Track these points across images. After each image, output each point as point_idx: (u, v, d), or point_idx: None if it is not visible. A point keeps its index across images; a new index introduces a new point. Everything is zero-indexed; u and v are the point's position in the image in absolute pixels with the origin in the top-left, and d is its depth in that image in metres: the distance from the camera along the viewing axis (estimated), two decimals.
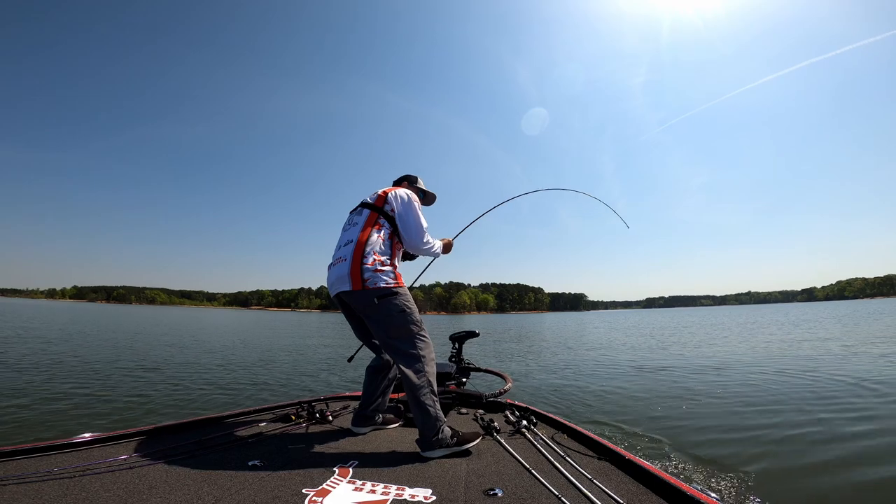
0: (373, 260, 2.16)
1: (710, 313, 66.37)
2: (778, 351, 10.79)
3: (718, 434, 4.02)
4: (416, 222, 2.31)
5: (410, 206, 2.33)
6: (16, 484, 1.49)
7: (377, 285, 2.12)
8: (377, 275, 2.14)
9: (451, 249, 2.76)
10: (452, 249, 2.78)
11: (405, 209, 2.32)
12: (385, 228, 2.27)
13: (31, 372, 7.14)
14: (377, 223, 2.26)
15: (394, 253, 2.29)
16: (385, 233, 2.26)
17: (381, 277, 2.15)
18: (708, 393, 5.94)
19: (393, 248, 2.29)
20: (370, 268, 2.14)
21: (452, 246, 2.77)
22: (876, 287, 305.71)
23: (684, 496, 1.43)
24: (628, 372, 8.26)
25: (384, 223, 2.28)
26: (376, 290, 2.12)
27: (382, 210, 2.30)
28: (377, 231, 2.24)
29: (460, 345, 3.26)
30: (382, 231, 2.25)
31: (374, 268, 2.15)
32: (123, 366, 8.34)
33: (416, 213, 2.33)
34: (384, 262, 2.19)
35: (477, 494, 1.54)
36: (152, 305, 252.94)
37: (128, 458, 1.80)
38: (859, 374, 6.96)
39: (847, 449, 3.51)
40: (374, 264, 2.16)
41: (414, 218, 2.31)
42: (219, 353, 11.15)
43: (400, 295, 2.18)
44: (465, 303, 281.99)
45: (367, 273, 2.13)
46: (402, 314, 2.16)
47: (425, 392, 2.06)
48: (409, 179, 2.65)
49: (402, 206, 2.33)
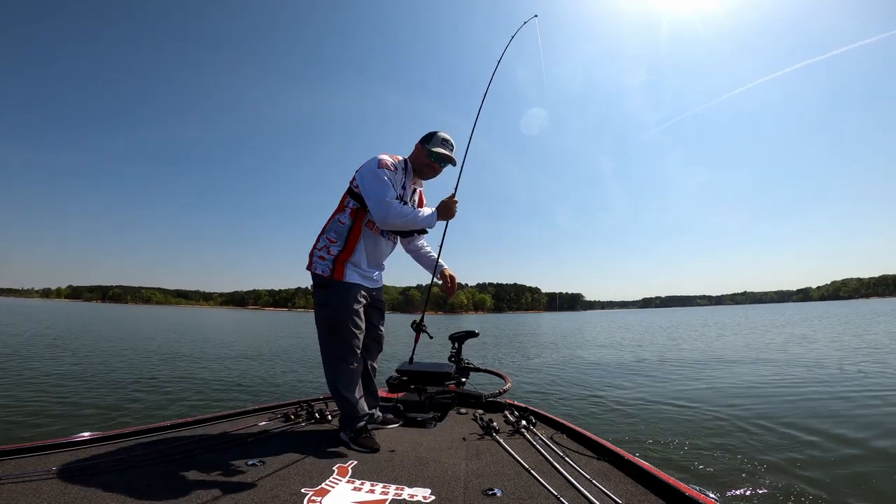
0: (324, 244, 2.09)
1: (708, 314, 66.68)
2: (777, 350, 10.85)
3: (718, 434, 4.03)
4: (371, 193, 2.01)
5: (366, 177, 2.06)
6: (15, 483, 1.48)
7: (314, 270, 2.08)
8: (318, 261, 2.08)
9: (454, 212, 2.22)
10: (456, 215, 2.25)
11: (363, 181, 2.07)
12: (349, 208, 2.12)
13: (30, 372, 7.10)
14: (343, 204, 2.15)
15: (352, 238, 2.12)
16: (347, 214, 2.11)
17: (318, 263, 2.07)
18: (707, 393, 5.96)
19: (352, 233, 2.12)
20: (316, 251, 2.10)
21: (454, 208, 2.22)
22: (871, 287, 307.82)
23: (683, 496, 1.43)
24: (627, 372, 8.29)
25: (349, 202, 2.13)
26: (314, 275, 2.09)
27: (350, 189, 2.14)
28: (341, 213, 2.13)
29: (460, 345, 3.25)
30: (346, 211, 2.12)
31: (319, 253, 2.09)
32: (122, 365, 8.29)
33: (372, 183, 2.02)
34: (329, 249, 2.08)
35: (476, 494, 1.54)
36: (148, 305, 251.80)
37: (127, 457, 1.79)
38: (864, 373, 7.01)
39: (847, 449, 3.53)
40: (321, 249, 2.09)
41: (370, 189, 2.02)
42: (217, 353, 11.11)
43: (327, 289, 2.06)
44: (463, 303, 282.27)
45: (314, 256, 2.09)
46: (321, 310, 2.07)
47: (335, 393, 2.12)
48: (421, 139, 2.29)
49: (361, 178, 2.08)
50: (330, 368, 2.12)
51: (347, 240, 2.09)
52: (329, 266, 2.05)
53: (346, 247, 2.08)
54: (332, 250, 2.07)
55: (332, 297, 2.05)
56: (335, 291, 2.05)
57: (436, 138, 2.23)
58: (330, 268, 2.05)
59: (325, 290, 2.06)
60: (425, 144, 2.24)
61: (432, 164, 2.25)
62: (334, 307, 2.05)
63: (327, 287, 2.05)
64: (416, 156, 2.27)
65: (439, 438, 2.22)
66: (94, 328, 19.10)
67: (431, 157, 2.22)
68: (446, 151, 2.23)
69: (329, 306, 2.05)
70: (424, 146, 2.24)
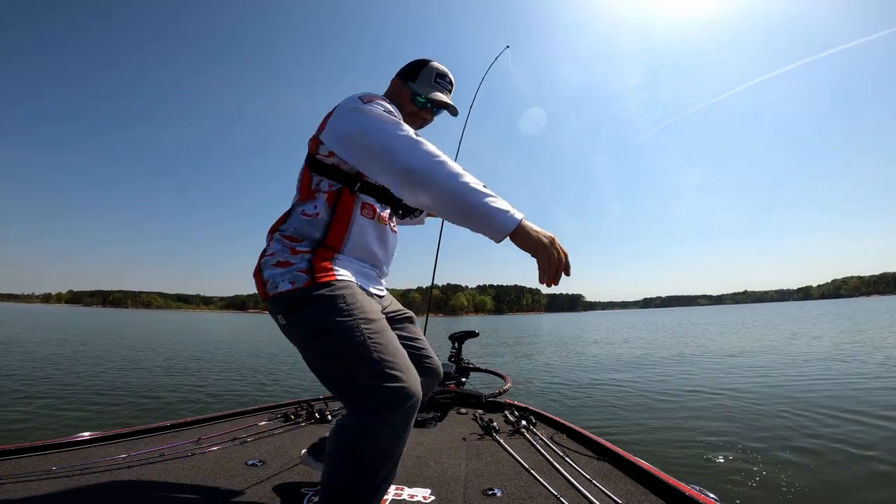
0: (278, 248, 1.22)
1: (709, 313, 66.62)
2: (778, 350, 10.84)
3: (718, 434, 4.02)
4: (377, 135, 1.12)
5: (352, 119, 1.17)
6: (15, 483, 1.48)
7: (274, 291, 1.16)
8: (275, 272, 1.18)
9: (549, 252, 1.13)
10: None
11: (348, 128, 1.17)
12: (322, 192, 1.24)
13: (30, 372, 7.09)
14: (308, 190, 1.26)
15: (334, 234, 1.24)
16: (322, 202, 1.24)
17: (278, 276, 1.17)
18: (708, 393, 5.95)
19: (333, 229, 1.24)
20: (266, 261, 1.22)
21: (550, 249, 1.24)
22: (871, 285, 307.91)
23: (683, 496, 1.43)
24: (627, 372, 8.27)
25: (320, 183, 1.25)
26: (277, 298, 1.16)
27: (315, 159, 1.25)
28: (306, 203, 1.25)
29: (460, 345, 3.25)
30: (318, 199, 1.24)
31: (272, 261, 1.20)
32: (122, 367, 8.28)
33: (369, 123, 1.14)
34: (294, 248, 1.20)
35: (476, 494, 1.54)
36: (148, 309, 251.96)
37: (126, 457, 1.79)
38: (868, 374, 7.01)
39: (848, 449, 3.51)
40: (274, 255, 1.21)
41: (371, 131, 1.13)
42: (217, 356, 11.11)
43: (316, 302, 1.12)
44: (463, 304, 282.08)
45: (265, 270, 1.20)
46: (315, 344, 1.13)
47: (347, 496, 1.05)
48: (400, 70, 1.45)
49: (341, 126, 1.18)
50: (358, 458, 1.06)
51: (328, 235, 1.24)
52: (303, 268, 1.16)
53: (329, 238, 1.24)
54: (301, 247, 1.21)
55: (331, 312, 1.11)
56: (333, 301, 1.13)
57: (426, 72, 1.41)
58: (305, 269, 1.16)
59: (309, 310, 1.13)
60: (409, 82, 1.41)
61: (419, 113, 1.42)
62: (344, 325, 1.10)
63: (310, 303, 1.13)
64: (393, 96, 1.41)
65: (439, 438, 2.22)
66: (95, 332, 19.09)
67: (419, 102, 1.40)
68: (443, 96, 1.43)
69: (329, 332, 1.10)
70: (407, 84, 1.40)
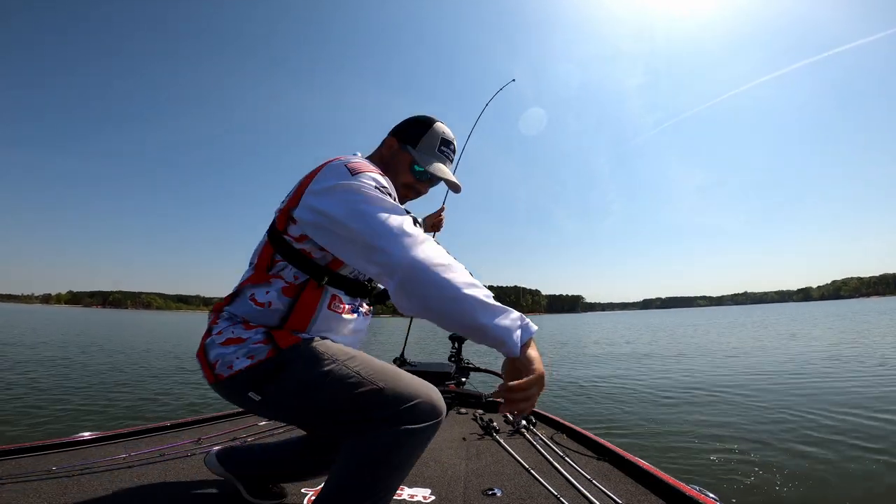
0: (226, 326, 1.06)
1: (709, 314, 66.57)
2: (778, 351, 10.84)
3: (718, 434, 4.02)
4: (372, 224, 0.91)
5: (345, 196, 0.96)
6: (15, 482, 1.48)
7: (233, 370, 1.00)
8: (226, 349, 1.02)
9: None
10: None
11: (331, 206, 0.96)
12: (281, 279, 1.06)
13: (29, 372, 7.09)
14: (265, 272, 1.07)
15: (293, 316, 1.06)
16: (277, 291, 1.05)
17: (232, 353, 1.01)
18: (708, 393, 5.96)
19: (294, 318, 1.06)
20: (214, 340, 1.05)
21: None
22: (871, 286, 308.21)
23: (683, 496, 1.43)
24: (627, 373, 8.28)
25: (282, 268, 1.06)
26: (235, 378, 1.01)
27: (282, 239, 1.06)
28: (258, 287, 1.06)
29: (460, 344, 3.25)
30: (274, 286, 1.06)
31: (220, 339, 1.04)
32: (123, 367, 8.28)
33: (368, 208, 0.93)
34: (247, 323, 1.05)
35: (476, 494, 1.54)
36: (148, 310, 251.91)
37: (126, 457, 1.79)
38: (868, 374, 7.00)
39: (848, 449, 3.52)
40: (223, 331, 1.05)
41: (364, 218, 0.92)
42: None
43: (293, 364, 0.99)
44: None
45: (210, 351, 1.05)
46: (308, 399, 0.99)
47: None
48: (396, 128, 1.26)
49: (324, 202, 0.97)
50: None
51: (287, 323, 1.06)
52: (260, 339, 1.02)
53: (288, 325, 1.06)
54: (255, 324, 1.05)
55: (311, 371, 0.98)
56: (306, 359, 1.00)
57: (430, 138, 1.22)
58: (264, 340, 1.01)
59: (287, 374, 0.99)
60: (408, 146, 1.22)
61: (415, 184, 1.24)
62: (332, 378, 0.98)
63: (285, 367, 0.99)
64: (383, 159, 1.24)
65: (439, 438, 2.22)
66: (94, 332, 19.08)
67: (417, 173, 1.22)
68: (446, 168, 1.25)
69: (320, 386, 0.98)
70: (407, 149, 1.22)
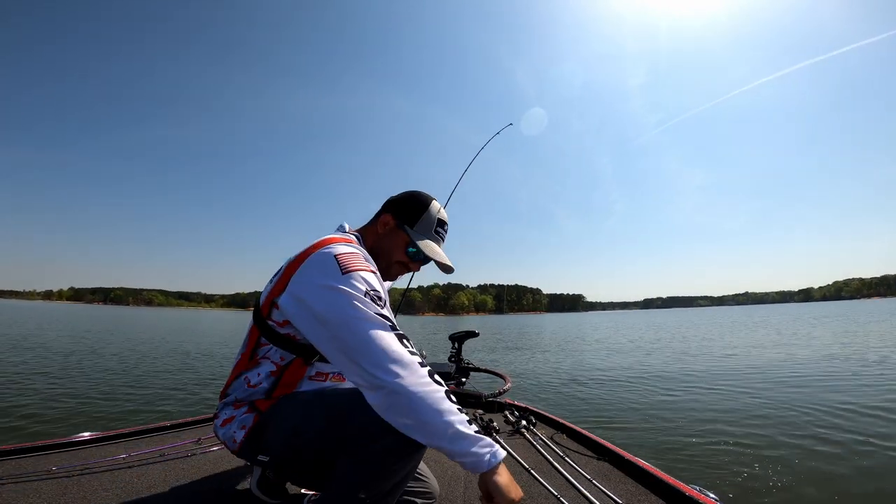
0: (222, 411, 1.14)
1: (710, 314, 66.53)
2: (778, 351, 10.83)
3: (718, 434, 4.02)
4: (358, 340, 0.91)
5: (335, 299, 0.94)
6: (14, 483, 1.49)
7: (237, 443, 1.08)
8: (227, 429, 1.10)
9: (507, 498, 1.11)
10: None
11: (319, 305, 0.95)
12: (268, 360, 1.10)
13: (29, 372, 7.12)
14: (253, 355, 1.11)
15: (277, 389, 1.11)
16: (264, 372, 1.10)
17: (229, 429, 1.10)
18: (708, 393, 5.96)
19: (277, 385, 1.11)
20: (216, 422, 1.14)
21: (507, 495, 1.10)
22: (872, 287, 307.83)
23: (683, 496, 1.43)
24: (628, 373, 8.27)
25: (267, 351, 1.10)
26: (242, 448, 1.08)
27: (266, 324, 1.08)
28: (249, 370, 1.11)
29: (460, 344, 3.25)
30: (262, 367, 1.10)
31: (220, 420, 1.13)
32: (123, 366, 8.31)
33: (359, 317, 0.92)
34: (237, 404, 1.12)
35: (476, 494, 1.54)
36: (149, 307, 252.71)
37: (126, 457, 1.79)
38: (867, 374, 6.99)
39: (848, 449, 3.51)
40: (219, 415, 1.14)
41: (354, 333, 0.91)
42: (218, 354, 11.12)
43: (273, 418, 1.07)
44: (464, 304, 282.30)
45: (220, 432, 1.12)
46: (298, 439, 1.04)
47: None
48: (392, 205, 1.25)
49: (311, 299, 0.96)
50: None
51: (269, 394, 1.12)
52: (246, 410, 1.10)
53: (276, 394, 1.12)
54: (247, 399, 1.12)
55: (291, 416, 1.06)
56: (283, 409, 1.08)
57: (427, 219, 1.22)
58: (248, 410, 1.10)
59: (271, 428, 1.07)
60: (404, 224, 1.21)
61: (408, 264, 1.25)
62: (310, 417, 1.05)
63: (269, 422, 1.08)
64: (378, 237, 1.23)
65: None
66: (95, 330, 19.14)
67: (412, 254, 1.22)
68: (440, 249, 1.25)
69: (301, 431, 1.05)
70: (404, 229, 1.21)
